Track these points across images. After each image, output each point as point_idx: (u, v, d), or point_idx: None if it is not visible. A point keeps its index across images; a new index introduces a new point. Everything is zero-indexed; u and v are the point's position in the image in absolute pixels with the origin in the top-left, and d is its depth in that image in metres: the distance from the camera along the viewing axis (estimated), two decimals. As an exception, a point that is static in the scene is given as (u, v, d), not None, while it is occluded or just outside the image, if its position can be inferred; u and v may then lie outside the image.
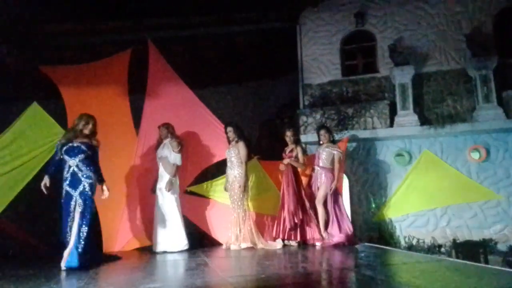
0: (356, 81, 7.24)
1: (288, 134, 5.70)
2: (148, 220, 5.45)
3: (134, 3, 6.20)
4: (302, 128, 6.96)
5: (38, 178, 4.53)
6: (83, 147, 4.22)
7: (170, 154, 5.27)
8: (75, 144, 4.21)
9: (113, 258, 4.54)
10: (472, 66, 6.58)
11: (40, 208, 5.71)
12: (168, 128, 5.42)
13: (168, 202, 5.19)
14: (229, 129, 5.46)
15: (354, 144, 6.79)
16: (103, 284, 3.49)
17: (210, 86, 7.74)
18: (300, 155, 5.59)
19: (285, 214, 5.42)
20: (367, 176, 6.78)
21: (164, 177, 5.24)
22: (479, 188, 6.37)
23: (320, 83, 7.32)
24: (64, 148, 4.20)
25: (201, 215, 5.80)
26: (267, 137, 6.04)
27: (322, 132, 5.62)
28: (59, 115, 5.41)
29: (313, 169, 5.60)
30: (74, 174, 4.14)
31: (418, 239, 6.45)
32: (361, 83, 7.19)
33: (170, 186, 5.17)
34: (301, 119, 7.04)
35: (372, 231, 6.48)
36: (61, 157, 4.20)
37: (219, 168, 5.77)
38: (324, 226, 5.35)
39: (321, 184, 5.43)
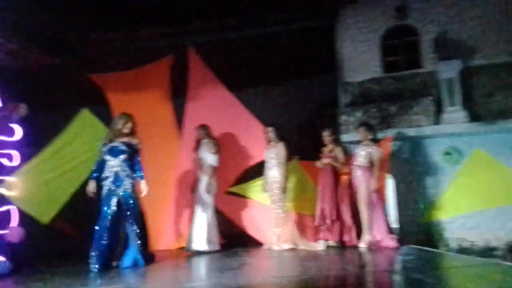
0: (399, 77, 7.00)
1: (325, 134, 5.63)
2: (190, 220, 5.57)
3: (174, 10, 6.38)
4: (342, 128, 6.83)
5: (88, 180, 4.75)
6: (123, 147, 4.26)
7: (207, 155, 5.36)
8: (115, 144, 4.26)
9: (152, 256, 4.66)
10: (525, 58, 6.16)
11: (92, 208, 6.00)
12: (205, 129, 5.51)
13: (205, 203, 5.27)
14: (270, 129, 5.47)
15: (398, 143, 6.55)
16: (151, 281, 3.61)
17: (249, 88, 7.78)
18: (340, 155, 5.50)
19: (320, 214, 5.37)
20: (413, 176, 6.53)
21: (202, 178, 5.33)
22: (536, 188, 5.95)
23: (360, 80, 7.15)
24: (106, 148, 4.26)
25: (242, 215, 5.85)
26: (307, 137, 5.98)
27: (361, 129, 5.50)
28: (108, 120, 5.67)
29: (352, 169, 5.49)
30: (116, 174, 4.20)
31: (470, 242, 6.12)
32: (404, 80, 6.94)
33: (208, 187, 5.25)
34: (341, 118, 6.91)
35: (420, 233, 6.23)
36: (103, 157, 4.27)
37: (260, 169, 5.79)
38: (367, 227, 5.22)
39: (360, 184, 5.31)
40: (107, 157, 4.25)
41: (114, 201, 4.13)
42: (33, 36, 5.37)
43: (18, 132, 4.91)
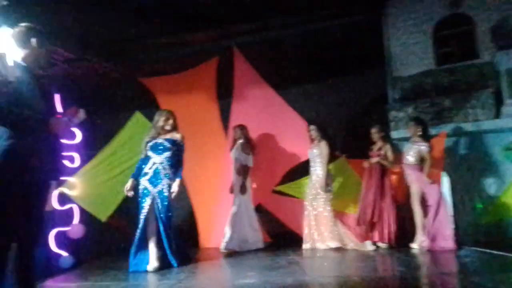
0: (453, 69, 6.61)
1: (373, 131, 5.45)
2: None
3: (219, 13, 6.49)
4: (392, 124, 6.58)
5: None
6: (167, 143, 4.13)
7: (240, 155, 5.37)
8: (159, 141, 4.14)
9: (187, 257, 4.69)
10: None
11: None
12: (242, 129, 5.51)
13: (239, 203, 5.29)
14: (312, 127, 5.41)
15: (454, 139, 6.20)
16: (201, 278, 3.71)
17: (295, 86, 7.74)
18: (389, 153, 5.30)
19: (361, 215, 5.22)
20: (471, 173, 6.14)
21: (237, 178, 5.35)
22: None
23: (411, 74, 6.84)
24: (149, 144, 4.16)
25: (288, 214, 5.84)
26: (355, 135, 5.84)
27: (411, 124, 5.28)
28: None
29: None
30: (156, 172, 4.05)
31: (537, 244, 5.66)
32: (459, 72, 6.54)
33: (242, 187, 5.27)
34: (391, 114, 6.66)
35: (479, 234, 5.85)
36: (146, 153, 4.18)
37: (306, 168, 5.74)
38: (420, 228, 5.00)
39: (411, 183, 5.09)
40: (150, 154, 4.15)
41: (147, 203, 4.00)
42: (88, 45, 5.71)
43: (78, 135, 5.28)
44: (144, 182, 4.09)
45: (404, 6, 6.99)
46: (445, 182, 5.87)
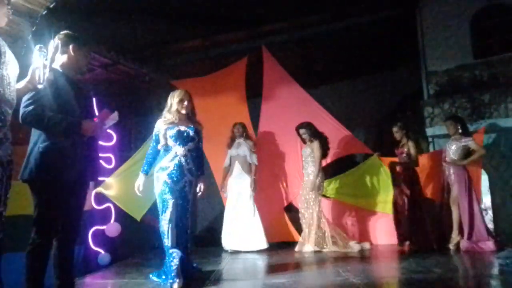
0: (492, 62, 6.30)
1: (394, 130, 5.30)
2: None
3: (248, 14, 6.53)
4: (427, 120, 6.37)
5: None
6: (192, 132, 3.48)
7: (248, 153, 5.39)
8: (182, 128, 3.45)
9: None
10: None
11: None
12: (243, 127, 5.55)
13: (244, 202, 5.30)
14: (302, 131, 5.30)
15: (493, 135, 5.91)
16: (229, 276, 3.75)
17: (326, 85, 7.66)
18: (412, 151, 5.14)
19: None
20: (511, 170, 5.84)
21: (244, 177, 5.36)
22: None
23: (447, 69, 6.58)
24: (171, 132, 3.44)
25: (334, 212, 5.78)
26: (389, 132, 5.69)
27: (448, 123, 5.10)
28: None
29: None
30: (180, 166, 3.38)
31: None
32: (499, 65, 6.23)
33: (252, 186, 5.32)
34: (426, 110, 6.44)
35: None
36: (166, 143, 3.47)
37: (335, 167, 5.67)
38: (458, 229, 4.82)
39: (453, 183, 4.90)
40: (171, 144, 3.44)
41: (172, 203, 3.33)
42: (122, 50, 5.91)
43: (114, 137, 5.47)
44: (163, 176, 3.38)
45: (439, -2, 6.74)
46: (484, 180, 5.62)
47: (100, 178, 4.74)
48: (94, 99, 3.64)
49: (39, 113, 2.36)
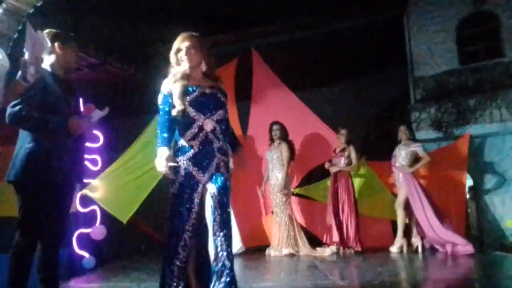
0: (477, 68, 6.43)
1: (342, 132, 5.37)
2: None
3: (238, 16, 6.53)
4: (414, 125, 6.45)
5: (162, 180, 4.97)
6: (220, 96, 2.45)
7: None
8: (207, 91, 2.40)
9: None
10: None
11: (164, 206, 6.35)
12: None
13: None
14: (276, 127, 5.25)
15: (478, 140, 6.03)
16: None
17: (315, 88, 7.69)
18: (353, 155, 5.23)
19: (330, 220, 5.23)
20: (496, 175, 5.95)
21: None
22: None
23: (433, 74, 6.68)
24: (191, 96, 2.36)
25: (308, 216, 5.80)
26: (376, 136, 5.75)
27: (401, 129, 5.22)
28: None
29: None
30: (207, 144, 2.35)
31: None
32: (484, 71, 6.35)
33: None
34: (413, 115, 6.52)
35: (504, 238, 5.66)
36: (184, 111, 2.32)
37: (325, 170, 5.69)
38: (402, 233, 4.95)
39: (400, 186, 5.02)
40: (193, 113, 2.34)
41: (196, 199, 2.32)
42: (110, 50, 5.85)
43: (101, 138, 5.40)
44: (184, 162, 2.34)
45: (426, 4, 6.84)
46: (468, 185, 5.72)
47: (85, 180, 4.67)
48: (81, 99, 3.59)
49: (25, 114, 2.32)
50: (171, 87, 2.40)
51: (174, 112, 2.36)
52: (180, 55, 2.45)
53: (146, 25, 6.03)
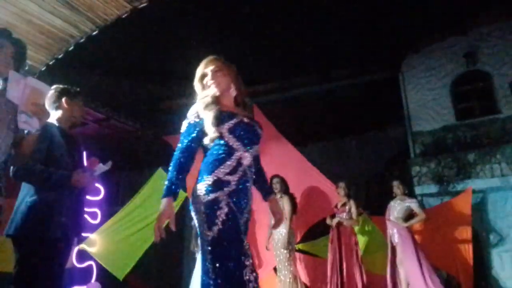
0: (474, 124, 6.57)
1: (341, 186, 5.33)
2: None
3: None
4: (415, 179, 6.46)
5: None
6: (257, 128, 2.08)
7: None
8: (245, 120, 2.03)
9: None
10: None
11: (165, 264, 6.16)
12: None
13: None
14: (276, 180, 5.09)
15: (480, 195, 6.00)
16: None
17: (316, 144, 7.81)
18: (353, 209, 5.16)
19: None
20: (500, 231, 5.85)
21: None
22: None
23: (431, 129, 6.83)
24: (229, 122, 1.97)
25: (311, 273, 5.61)
26: (377, 191, 5.74)
27: (395, 184, 5.22)
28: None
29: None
30: (245, 182, 1.96)
31: None
32: (480, 127, 6.49)
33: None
34: (413, 169, 6.56)
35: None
36: (224, 141, 1.95)
37: (326, 226, 5.61)
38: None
39: (397, 243, 4.96)
40: (235, 143, 1.96)
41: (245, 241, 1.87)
42: (116, 105, 6.04)
43: (102, 191, 5.39)
44: (225, 198, 1.89)
45: (420, 63, 7.17)
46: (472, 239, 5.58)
47: (84, 234, 4.59)
48: (84, 153, 3.64)
49: (30, 167, 2.34)
50: (201, 113, 2.01)
51: (207, 141, 1.98)
52: (206, 81, 2.11)
53: (152, 83, 6.28)
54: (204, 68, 2.12)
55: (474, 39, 6.82)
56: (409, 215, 5.10)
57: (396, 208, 5.14)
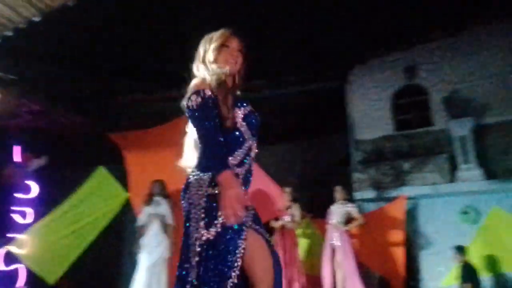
0: (411, 135, 7.00)
1: (287, 191, 5.52)
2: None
3: (191, 73, 6.73)
4: (355, 185, 6.76)
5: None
6: (259, 119, 1.89)
7: (167, 213, 5.15)
8: (249, 109, 1.86)
9: None
10: (539, 115, 6.12)
11: (101, 268, 5.89)
12: (162, 184, 5.29)
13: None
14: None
15: (413, 201, 6.40)
16: None
17: (262, 147, 7.87)
18: (296, 213, 5.39)
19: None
20: (429, 235, 6.28)
21: (163, 237, 5.07)
22: None
23: (372, 138, 7.17)
24: (243, 109, 1.84)
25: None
26: (320, 195, 5.93)
27: (337, 188, 5.48)
28: (124, 179, 5.78)
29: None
30: (249, 175, 1.85)
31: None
32: (416, 137, 6.93)
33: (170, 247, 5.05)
34: (354, 175, 6.86)
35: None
36: (237, 128, 1.78)
37: (271, 228, 5.69)
38: None
39: (336, 246, 5.19)
40: (247, 132, 1.81)
41: (240, 248, 1.63)
42: (54, 97, 5.70)
43: (35, 189, 5.05)
44: None
45: (365, 75, 7.51)
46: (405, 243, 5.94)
47: (10, 235, 4.28)
48: (18, 147, 3.41)
49: None
50: (215, 90, 1.75)
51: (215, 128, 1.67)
52: (224, 55, 1.83)
53: (99, 77, 6.00)
54: (226, 40, 1.85)
55: (415, 55, 7.26)
56: (349, 219, 5.32)
57: (337, 212, 5.34)
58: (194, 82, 1.79)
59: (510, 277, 5.81)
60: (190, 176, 1.77)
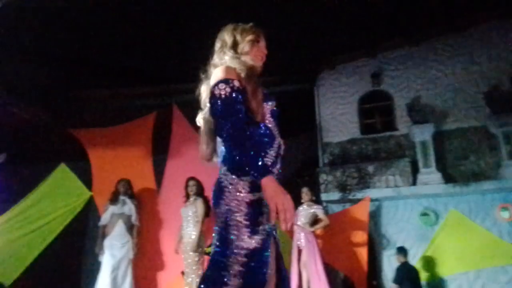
0: (376, 139, 7.25)
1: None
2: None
3: (159, 70, 6.61)
4: (322, 187, 6.90)
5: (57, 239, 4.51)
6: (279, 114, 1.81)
7: (132, 213, 5.14)
8: (275, 105, 1.82)
9: None
10: (493, 124, 6.50)
11: (62, 270, 5.67)
12: (128, 184, 5.25)
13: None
14: (192, 183, 5.00)
15: (376, 203, 6.63)
16: None
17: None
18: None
19: None
20: (391, 236, 6.52)
21: (128, 238, 5.05)
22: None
23: (339, 141, 7.36)
24: (272, 103, 1.81)
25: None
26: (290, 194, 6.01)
27: (304, 190, 5.60)
28: (86, 176, 5.59)
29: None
30: (279, 175, 1.77)
31: (451, 306, 5.99)
32: (381, 141, 7.18)
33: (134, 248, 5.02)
34: (321, 177, 7.00)
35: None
36: (265, 124, 1.70)
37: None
38: None
39: (303, 247, 5.26)
40: (272, 126, 1.74)
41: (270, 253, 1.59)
42: (14, 91, 5.43)
43: (-9, 186, 4.79)
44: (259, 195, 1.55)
45: (333, 79, 7.69)
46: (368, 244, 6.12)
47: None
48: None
49: None
50: (244, 82, 1.60)
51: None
52: (255, 50, 1.78)
53: (64, 69, 5.77)
54: (259, 36, 1.81)
55: (381, 62, 7.53)
56: (315, 220, 5.42)
57: (304, 213, 5.42)
58: (220, 69, 1.62)
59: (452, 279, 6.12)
60: (222, 178, 1.62)
